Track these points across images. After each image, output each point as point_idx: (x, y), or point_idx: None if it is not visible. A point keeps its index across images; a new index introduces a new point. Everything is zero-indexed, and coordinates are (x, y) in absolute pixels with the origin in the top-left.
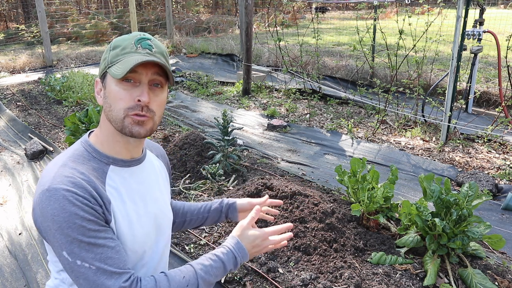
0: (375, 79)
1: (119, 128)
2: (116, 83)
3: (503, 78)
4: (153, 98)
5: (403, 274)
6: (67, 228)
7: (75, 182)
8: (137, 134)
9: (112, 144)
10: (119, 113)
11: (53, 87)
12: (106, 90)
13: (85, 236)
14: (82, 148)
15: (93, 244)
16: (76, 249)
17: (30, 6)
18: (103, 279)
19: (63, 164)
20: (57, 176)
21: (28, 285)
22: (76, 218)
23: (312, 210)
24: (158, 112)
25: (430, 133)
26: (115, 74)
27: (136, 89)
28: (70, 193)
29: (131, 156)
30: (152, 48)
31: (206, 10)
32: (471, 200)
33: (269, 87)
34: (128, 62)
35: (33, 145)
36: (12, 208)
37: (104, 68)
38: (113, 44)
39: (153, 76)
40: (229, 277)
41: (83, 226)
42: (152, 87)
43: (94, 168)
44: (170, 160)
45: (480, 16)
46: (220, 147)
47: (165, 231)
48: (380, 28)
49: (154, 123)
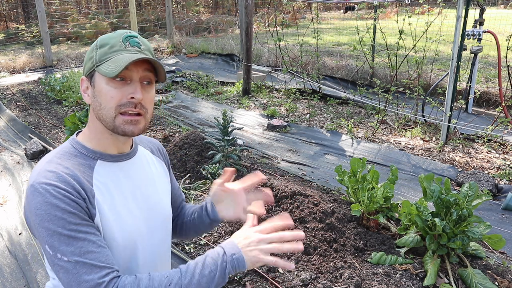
0: (375, 79)
1: (110, 127)
2: (106, 81)
3: (503, 78)
4: (144, 95)
5: (403, 274)
6: (47, 220)
7: (58, 176)
8: (130, 133)
9: (101, 141)
10: (110, 112)
11: (53, 87)
12: (95, 88)
13: (65, 229)
14: (69, 145)
15: (73, 237)
16: (56, 242)
17: (30, 6)
18: (82, 272)
19: (49, 160)
20: (42, 172)
21: (28, 285)
22: (57, 211)
23: (312, 210)
24: (149, 109)
25: (430, 133)
26: (107, 73)
27: (128, 86)
28: (52, 186)
29: (119, 151)
30: (141, 45)
31: (206, 10)
32: (471, 200)
33: (269, 87)
34: (120, 60)
35: (33, 145)
36: (12, 208)
37: (91, 66)
38: (99, 42)
39: (144, 73)
40: (229, 277)
41: (63, 219)
42: (143, 84)
43: (81, 164)
44: (170, 160)
45: (480, 16)
46: (220, 147)
47: (159, 228)
48: (380, 28)
49: (146, 121)
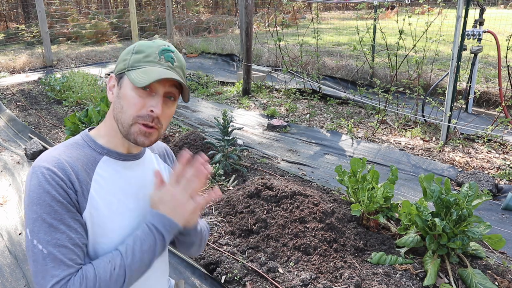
0: (375, 79)
1: (124, 132)
2: (133, 88)
3: (503, 78)
4: (164, 110)
5: (403, 274)
6: (36, 204)
7: (57, 162)
8: (141, 143)
9: (113, 139)
10: (128, 119)
11: (53, 87)
12: (121, 91)
13: (49, 216)
14: (79, 137)
15: (54, 227)
16: (37, 227)
17: (30, 6)
18: (50, 266)
19: (55, 148)
20: (44, 155)
21: (28, 285)
22: (47, 196)
23: (312, 210)
24: (165, 125)
25: (430, 133)
26: (136, 82)
27: (151, 98)
28: (49, 171)
29: (128, 151)
30: (174, 62)
31: (206, 10)
32: (471, 200)
33: (269, 87)
34: (151, 73)
35: (33, 145)
36: (12, 208)
37: (123, 68)
38: (136, 48)
39: (169, 89)
40: (229, 277)
41: (51, 206)
42: (166, 99)
43: (86, 155)
44: None
45: (480, 16)
46: (220, 147)
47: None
48: (380, 28)
49: (159, 135)
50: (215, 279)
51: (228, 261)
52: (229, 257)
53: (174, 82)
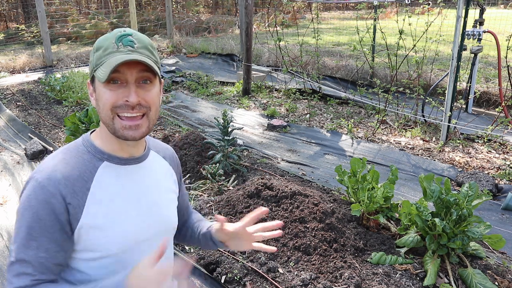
0: (375, 79)
1: (111, 131)
2: (102, 85)
3: (503, 78)
4: (144, 94)
5: (403, 274)
6: (21, 214)
7: (51, 174)
8: (131, 138)
9: (110, 143)
10: (107, 114)
11: (53, 87)
12: (96, 93)
13: (26, 230)
14: (79, 142)
15: (27, 241)
16: (15, 235)
17: (30, 6)
18: (12, 274)
19: (54, 155)
20: (41, 165)
21: None
22: (30, 212)
23: (312, 210)
24: (153, 106)
25: (430, 133)
26: (100, 78)
27: (123, 89)
28: (40, 185)
29: (130, 155)
30: (134, 44)
31: (206, 10)
32: (471, 200)
33: (269, 87)
34: (110, 63)
35: (33, 145)
36: (12, 208)
37: (91, 71)
38: (96, 46)
39: (139, 74)
40: (229, 277)
41: (30, 222)
42: (141, 84)
43: (85, 162)
44: None
45: (480, 16)
46: (220, 147)
47: (161, 236)
48: (380, 28)
49: (150, 121)
50: (215, 279)
51: (228, 261)
52: (229, 257)
53: (142, 66)
